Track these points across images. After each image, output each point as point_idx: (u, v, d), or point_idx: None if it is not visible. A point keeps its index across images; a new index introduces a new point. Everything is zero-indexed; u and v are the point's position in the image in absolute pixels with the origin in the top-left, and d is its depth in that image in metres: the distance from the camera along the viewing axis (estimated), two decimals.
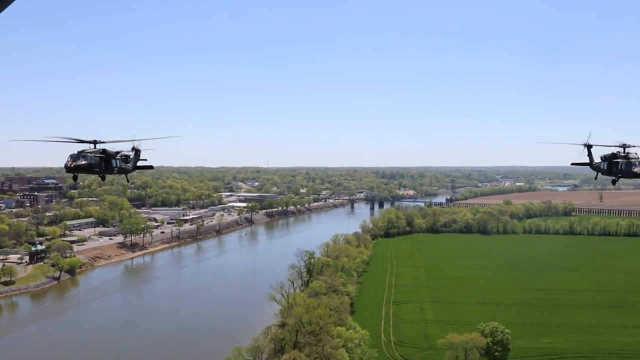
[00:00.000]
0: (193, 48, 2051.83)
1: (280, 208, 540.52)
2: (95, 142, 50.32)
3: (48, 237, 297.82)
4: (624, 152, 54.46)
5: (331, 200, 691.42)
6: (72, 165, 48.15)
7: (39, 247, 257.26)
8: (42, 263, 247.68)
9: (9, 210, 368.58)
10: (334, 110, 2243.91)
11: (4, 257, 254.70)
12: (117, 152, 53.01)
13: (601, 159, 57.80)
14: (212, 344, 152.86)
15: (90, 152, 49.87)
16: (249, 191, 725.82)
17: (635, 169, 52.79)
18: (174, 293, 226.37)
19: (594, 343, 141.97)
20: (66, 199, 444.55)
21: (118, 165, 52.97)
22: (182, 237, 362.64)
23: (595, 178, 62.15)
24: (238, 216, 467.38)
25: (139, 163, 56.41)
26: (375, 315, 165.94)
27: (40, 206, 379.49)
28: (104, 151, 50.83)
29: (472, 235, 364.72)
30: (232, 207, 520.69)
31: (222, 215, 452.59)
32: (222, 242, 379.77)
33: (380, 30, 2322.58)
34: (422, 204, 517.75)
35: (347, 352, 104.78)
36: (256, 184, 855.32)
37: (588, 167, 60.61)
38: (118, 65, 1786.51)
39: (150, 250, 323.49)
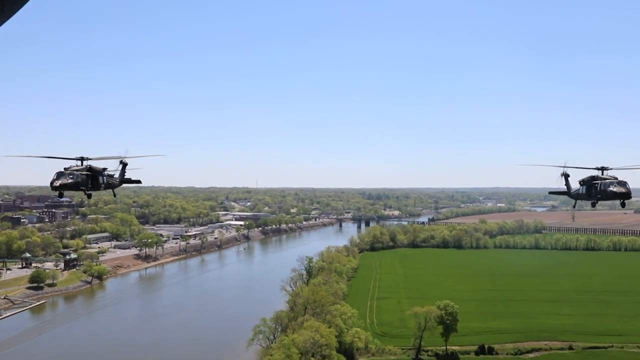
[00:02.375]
0: (180, 69, 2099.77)
1: (273, 226, 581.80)
2: (82, 159, 50.08)
3: (72, 249, 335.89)
4: (602, 174, 55.00)
5: (321, 220, 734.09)
6: (58, 183, 48.05)
7: (72, 256, 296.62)
8: (75, 269, 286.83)
9: (32, 225, 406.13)
10: (321, 132, 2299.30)
11: (40, 265, 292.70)
12: (104, 169, 52.76)
13: (580, 183, 58.58)
14: (233, 327, 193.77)
15: (77, 170, 49.31)
16: (242, 210, 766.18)
17: (614, 189, 53.25)
18: (191, 294, 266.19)
19: (530, 324, 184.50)
20: (79, 216, 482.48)
21: (105, 182, 52.82)
22: (188, 251, 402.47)
23: (574, 206, 66.43)
24: (236, 233, 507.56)
25: (127, 177, 57.24)
26: (361, 306, 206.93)
27: (57, 222, 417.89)
28: (90, 168, 50.44)
29: (448, 250, 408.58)
30: (229, 224, 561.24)
31: (222, 231, 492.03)
32: (223, 255, 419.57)
33: (366, 54, 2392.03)
34: (405, 223, 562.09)
35: (342, 321, 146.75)
36: (248, 203, 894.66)
37: (566, 195, 62.53)
38: (104, 85, 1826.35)
39: (162, 261, 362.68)
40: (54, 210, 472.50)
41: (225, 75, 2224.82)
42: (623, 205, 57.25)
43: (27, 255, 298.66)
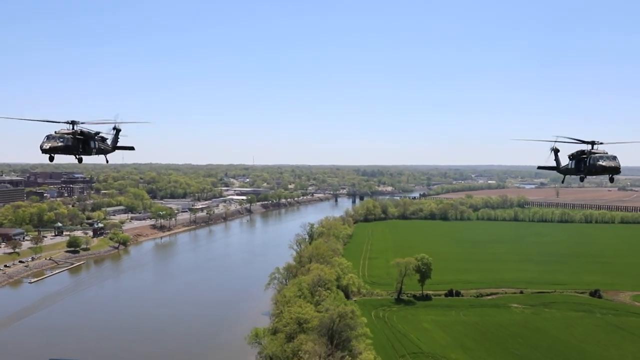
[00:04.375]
0: (179, 46, 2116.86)
1: (273, 201, 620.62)
2: (72, 123, 49.49)
3: (95, 220, 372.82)
4: (592, 148, 54.92)
5: (317, 195, 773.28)
6: (48, 146, 47.78)
7: (100, 225, 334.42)
8: (102, 237, 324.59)
9: (53, 199, 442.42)
10: (317, 109, 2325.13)
11: (70, 233, 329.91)
12: (97, 133, 52.68)
13: (569, 157, 58.47)
14: (247, 280, 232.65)
15: (67, 133, 48.93)
16: (241, 186, 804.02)
17: (603, 163, 53.17)
18: (206, 257, 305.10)
19: (493, 277, 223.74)
20: (94, 190, 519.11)
21: (97, 147, 52.70)
22: (197, 222, 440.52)
23: (562, 181, 67.08)
24: (239, 206, 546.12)
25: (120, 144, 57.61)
26: (355, 263, 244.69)
27: (76, 196, 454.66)
28: (81, 132, 50.18)
29: (435, 221, 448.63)
30: (232, 199, 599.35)
31: (226, 205, 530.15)
32: (229, 226, 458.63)
33: (361, 31, 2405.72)
34: (397, 198, 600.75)
35: (340, 269, 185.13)
36: (247, 180, 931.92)
37: (555, 171, 62.44)
38: (106, 62, 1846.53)
39: (175, 231, 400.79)
40: (71, 185, 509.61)
41: (219, 53, 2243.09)
42: (612, 180, 57.61)
43: (59, 224, 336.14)
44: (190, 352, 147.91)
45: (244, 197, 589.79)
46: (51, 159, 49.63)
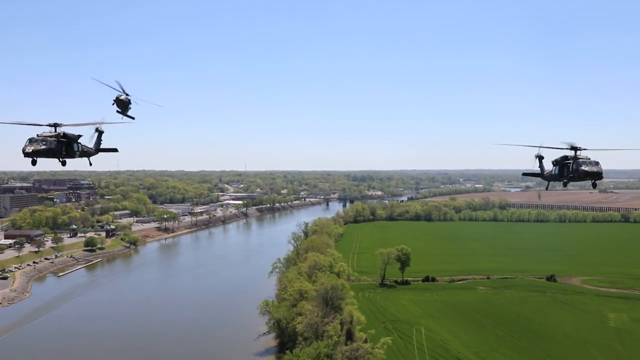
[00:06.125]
0: (169, 53, 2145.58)
1: (268, 205, 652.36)
2: (55, 125, 48.79)
3: (105, 222, 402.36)
4: (575, 154, 55.58)
5: (309, 199, 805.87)
6: (30, 149, 46.98)
7: (112, 226, 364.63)
8: (114, 237, 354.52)
9: (63, 204, 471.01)
10: (308, 115, 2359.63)
11: (84, 235, 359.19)
12: (79, 136, 51.74)
13: (552, 163, 59.25)
14: (249, 273, 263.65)
15: (50, 136, 48.17)
16: (236, 192, 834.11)
17: (586, 168, 53.92)
18: (210, 255, 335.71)
19: (468, 267, 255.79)
20: (99, 196, 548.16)
21: (80, 149, 52.13)
22: (198, 225, 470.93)
23: (547, 188, 68.14)
24: (236, 210, 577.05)
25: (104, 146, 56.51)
26: (346, 257, 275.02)
27: (84, 201, 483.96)
28: (64, 135, 49.32)
29: (420, 222, 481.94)
30: (229, 204, 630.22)
31: (224, 209, 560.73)
32: (227, 229, 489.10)
33: (352, 36, 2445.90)
34: (386, 202, 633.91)
35: (332, 259, 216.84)
36: (241, 185, 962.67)
37: (539, 177, 63.46)
38: (97, 66, 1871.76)
39: (178, 233, 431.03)
40: (78, 191, 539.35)
41: (211, 59, 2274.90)
42: (594, 185, 58.04)
43: (74, 226, 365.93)
44: (197, 340, 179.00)
45: (240, 202, 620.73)
46: (34, 162, 48.14)
